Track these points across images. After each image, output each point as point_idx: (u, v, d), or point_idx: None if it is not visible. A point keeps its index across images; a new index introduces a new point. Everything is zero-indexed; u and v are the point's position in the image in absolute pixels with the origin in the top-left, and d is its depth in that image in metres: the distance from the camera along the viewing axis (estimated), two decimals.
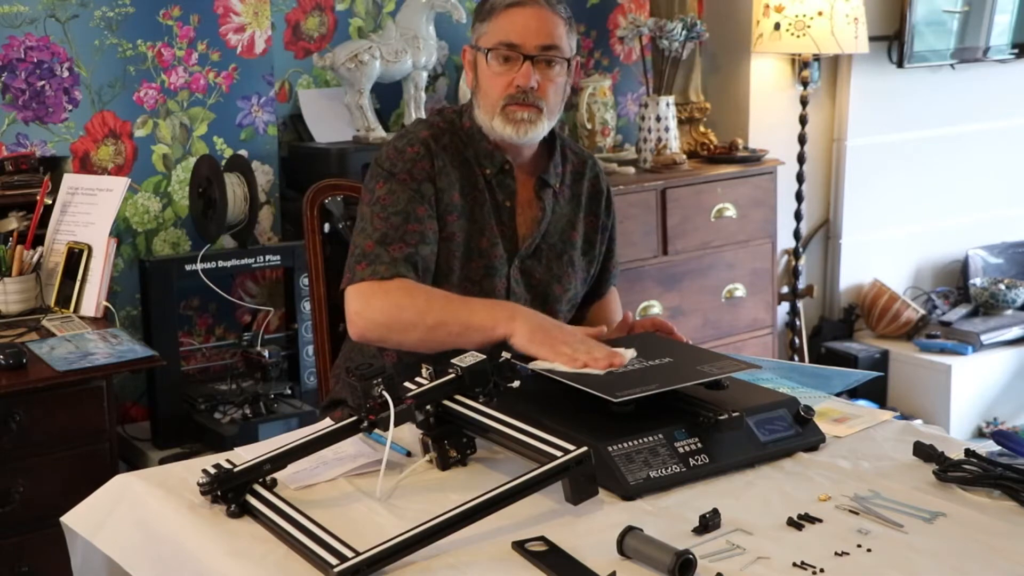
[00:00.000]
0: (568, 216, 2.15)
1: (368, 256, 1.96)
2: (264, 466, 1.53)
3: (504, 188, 2.08)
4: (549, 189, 2.12)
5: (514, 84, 2.00)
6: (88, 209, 2.69)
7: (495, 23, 2.01)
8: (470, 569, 1.34)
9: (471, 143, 2.08)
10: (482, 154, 2.07)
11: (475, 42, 2.05)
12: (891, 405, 4.26)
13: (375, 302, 1.93)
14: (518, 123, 2.02)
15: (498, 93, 2.01)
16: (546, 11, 2.01)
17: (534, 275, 2.10)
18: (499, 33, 2.00)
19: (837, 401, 1.95)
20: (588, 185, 2.19)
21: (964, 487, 1.57)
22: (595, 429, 1.59)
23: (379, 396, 1.58)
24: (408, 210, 1.98)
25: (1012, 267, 4.79)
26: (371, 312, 1.93)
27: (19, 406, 2.26)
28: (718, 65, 4.22)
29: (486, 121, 2.04)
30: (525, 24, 1.99)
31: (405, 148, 2.04)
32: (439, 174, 2.03)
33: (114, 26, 3.05)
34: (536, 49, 2.00)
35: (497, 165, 2.07)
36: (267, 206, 3.32)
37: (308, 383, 3.21)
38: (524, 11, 1.99)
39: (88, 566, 1.64)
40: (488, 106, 2.03)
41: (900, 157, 4.49)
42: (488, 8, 2.03)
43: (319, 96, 3.44)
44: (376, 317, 1.93)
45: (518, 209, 2.10)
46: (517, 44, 1.99)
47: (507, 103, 2.01)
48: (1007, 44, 4.61)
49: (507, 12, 2.00)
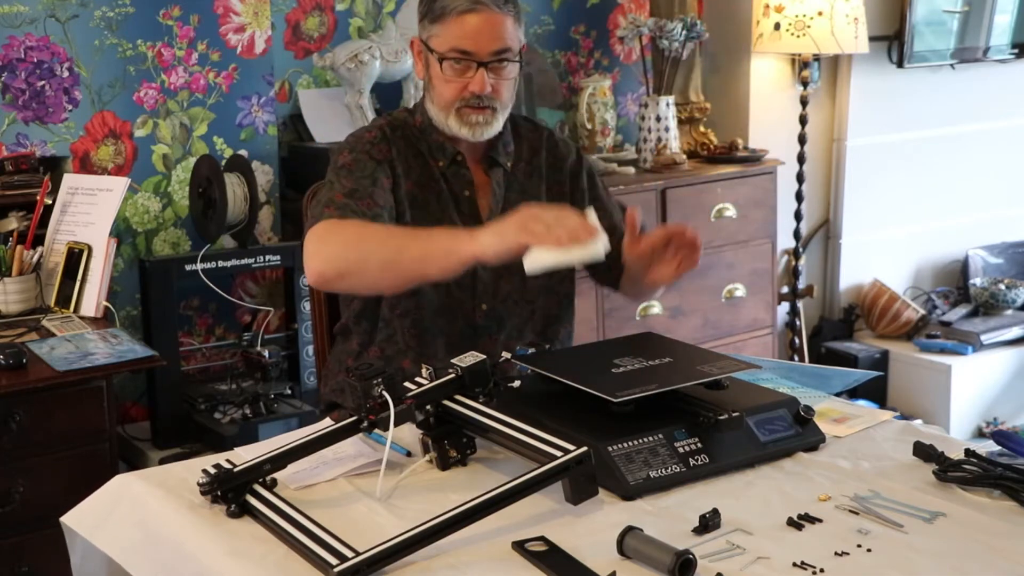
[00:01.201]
0: (529, 190, 2.15)
1: (337, 204, 1.92)
2: (264, 466, 1.53)
3: (459, 179, 2.10)
4: (499, 168, 2.13)
5: (468, 89, 2.01)
6: (88, 209, 2.69)
7: (447, 28, 2.00)
8: (470, 569, 1.34)
9: (423, 137, 2.10)
10: (434, 147, 2.09)
11: (425, 40, 2.05)
12: (891, 405, 4.26)
13: (332, 237, 1.86)
14: (473, 125, 2.03)
15: (452, 96, 2.02)
16: (496, 14, 1.99)
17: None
18: (451, 39, 1.99)
19: (837, 401, 1.95)
20: (546, 155, 2.19)
21: (964, 487, 1.57)
22: (595, 429, 1.59)
23: (379, 396, 1.58)
24: (376, 176, 2.00)
25: (1012, 267, 4.79)
26: (329, 247, 1.85)
27: (19, 406, 2.26)
28: (718, 65, 4.22)
29: (440, 117, 2.05)
30: (477, 31, 1.98)
31: (363, 134, 2.08)
32: (395, 159, 2.05)
33: (114, 26, 3.05)
34: (489, 55, 2.00)
35: (449, 157, 2.09)
36: (267, 206, 3.32)
37: (308, 383, 3.21)
38: (475, 17, 1.98)
39: (88, 566, 1.65)
40: (442, 105, 2.04)
41: (900, 157, 4.49)
42: (438, 10, 2.00)
43: (319, 96, 3.44)
44: (336, 251, 1.85)
45: (479, 195, 2.11)
46: (470, 52, 1.99)
47: (461, 105, 2.02)
48: (1007, 44, 4.60)
49: (459, 19, 1.98)
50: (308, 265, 1.87)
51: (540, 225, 1.68)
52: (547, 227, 1.67)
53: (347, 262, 1.85)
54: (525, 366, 1.83)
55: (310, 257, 1.87)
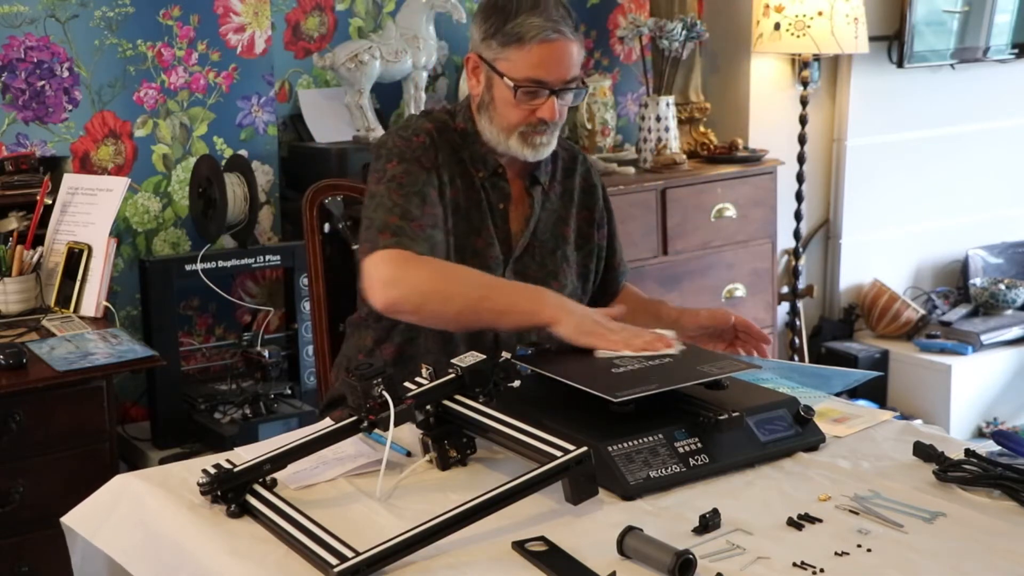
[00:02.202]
0: (559, 212, 2.15)
1: (392, 228, 1.91)
2: (264, 466, 1.53)
3: (497, 191, 2.08)
4: (539, 187, 2.12)
5: (537, 116, 2.00)
6: (88, 209, 2.69)
7: (523, 55, 1.96)
8: (470, 569, 1.34)
9: (465, 145, 2.07)
10: (476, 156, 2.07)
11: (491, 61, 2.00)
12: (891, 405, 4.26)
13: (413, 270, 1.87)
14: (536, 147, 2.03)
15: (519, 120, 2.01)
16: (571, 43, 1.98)
17: (528, 273, 2.09)
18: (528, 68, 1.97)
19: (837, 401, 1.95)
20: (580, 180, 2.19)
21: (964, 487, 1.57)
22: (595, 429, 1.59)
23: (379, 396, 1.58)
24: (425, 192, 1.97)
25: (1012, 267, 4.79)
26: (411, 279, 1.87)
27: (19, 406, 2.26)
28: (718, 65, 4.22)
29: (499, 138, 2.03)
30: (553, 61, 1.97)
31: (411, 137, 2.03)
32: (442, 168, 2.03)
33: (114, 26, 3.05)
34: (561, 84, 1.99)
35: (491, 168, 2.07)
36: (267, 206, 3.32)
37: (308, 383, 3.21)
38: (554, 47, 1.96)
39: (88, 566, 1.65)
40: (504, 127, 2.02)
41: (900, 157, 4.49)
42: (514, 34, 1.96)
43: (319, 96, 3.44)
44: (416, 284, 1.87)
45: (511, 210, 2.10)
46: (546, 81, 1.98)
47: (527, 130, 2.01)
48: (1007, 44, 4.60)
49: (538, 47, 1.95)
50: (382, 292, 1.88)
51: (618, 336, 1.78)
52: (623, 340, 1.78)
53: (428, 298, 1.88)
54: (525, 366, 1.83)
55: (385, 285, 1.88)
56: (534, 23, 1.95)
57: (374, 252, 1.90)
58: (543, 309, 1.83)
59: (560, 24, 1.96)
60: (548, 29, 1.95)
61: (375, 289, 1.89)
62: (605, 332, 1.79)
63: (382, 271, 1.88)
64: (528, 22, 1.95)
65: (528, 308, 1.85)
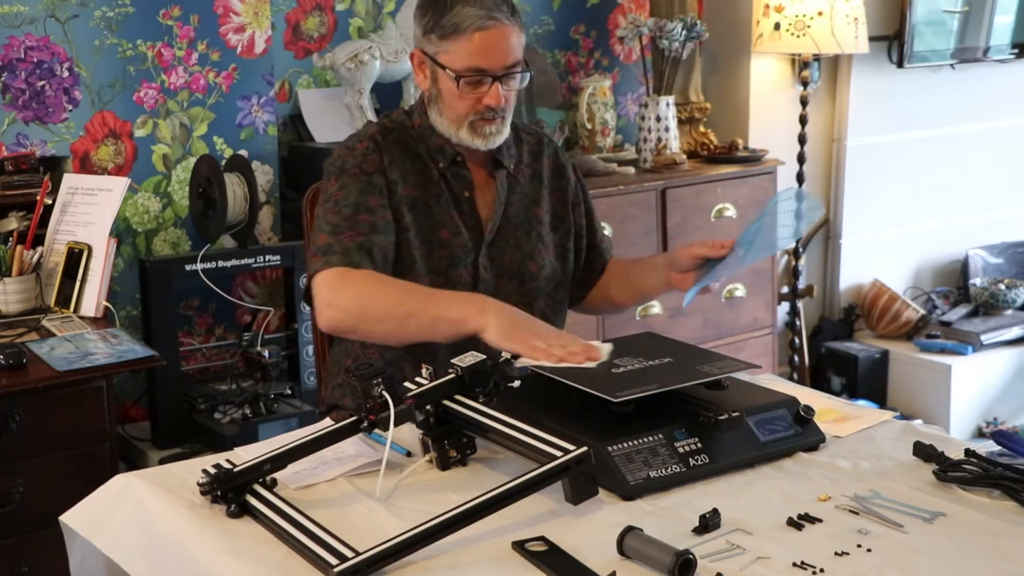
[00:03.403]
0: (531, 195, 2.18)
1: (322, 248, 1.97)
2: (264, 466, 1.53)
3: (460, 179, 2.11)
4: (503, 170, 2.15)
5: (483, 103, 2.02)
6: (88, 209, 2.69)
7: (461, 45, 1.99)
8: (470, 569, 1.34)
9: (421, 139, 2.11)
10: (433, 149, 2.10)
11: (433, 55, 2.04)
12: (891, 405, 4.26)
13: (345, 292, 1.92)
14: (486, 136, 2.06)
15: (466, 111, 2.04)
16: (509, 28, 2.01)
17: (503, 258, 2.12)
18: (467, 58, 1.99)
19: (837, 401, 1.96)
20: (549, 162, 2.23)
21: (964, 487, 1.57)
22: (595, 429, 1.59)
23: (379, 396, 1.58)
24: (359, 201, 2.01)
25: (1012, 267, 4.79)
26: (342, 301, 1.91)
27: (19, 406, 2.26)
28: (718, 65, 4.22)
29: (450, 130, 2.07)
30: (492, 47, 1.99)
31: (355, 145, 2.09)
32: (389, 167, 2.06)
33: (114, 26, 3.05)
34: (503, 70, 2.02)
35: (449, 158, 2.10)
36: (267, 206, 3.32)
37: (308, 383, 3.21)
38: (491, 34, 1.99)
39: (87, 566, 1.65)
40: (453, 118, 2.06)
41: (900, 157, 4.49)
42: (451, 26, 1.99)
43: (319, 96, 3.44)
44: (348, 306, 1.91)
45: (477, 196, 2.13)
46: (486, 69, 2.00)
47: (475, 119, 2.04)
48: (1007, 44, 4.60)
49: (475, 36, 1.98)
50: (321, 314, 1.94)
51: (542, 343, 1.75)
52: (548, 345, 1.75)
53: (360, 320, 1.92)
54: (525, 367, 1.83)
55: (324, 308, 1.93)
56: (469, 13, 1.98)
57: (314, 276, 1.96)
58: (468, 318, 1.83)
59: (494, 11, 1.99)
60: (483, 17, 1.98)
61: (317, 312, 1.96)
62: (529, 337, 1.77)
63: (320, 295, 1.94)
64: (463, 12, 1.98)
65: (455, 317, 1.85)
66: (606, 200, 3.46)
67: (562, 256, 2.21)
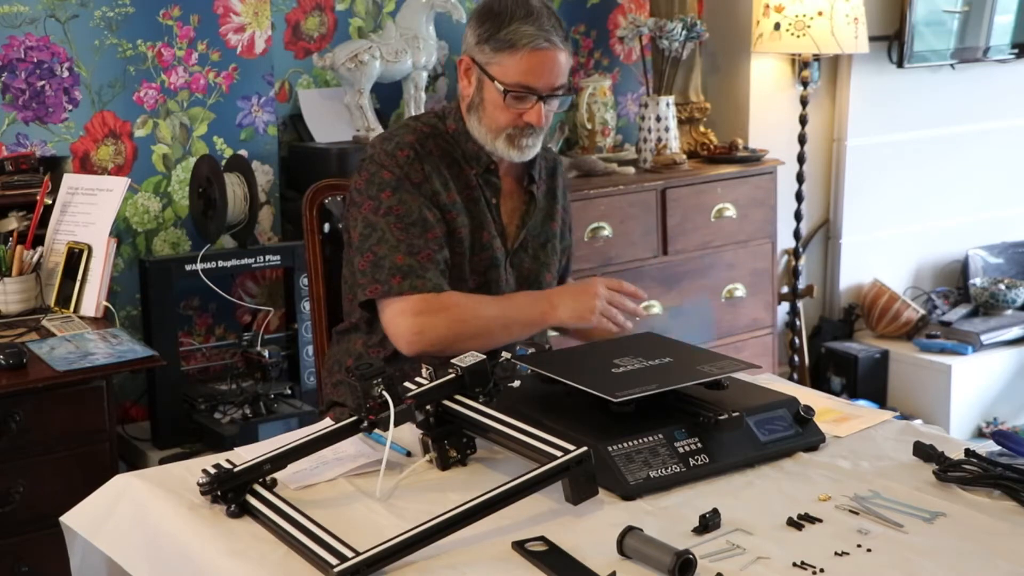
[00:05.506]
0: (546, 209, 2.24)
1: (402, 269, 1.99)
2: (264, 466, 1.53)
3: (491, 186, 2.14)
4: (535, 184, 2.20)
5: (524, 120, 2.06)
6: (88, 209, 2.69)
7: (514, 61, 2.02)
8: (470, 569, 1.34)
9: (457, 144, 2.13)
10: (469, 154, 2.13)
11: (483, 64, 2.06)
12: (891, 405, 4.26)
13: (435, 319, 1.99)
14: (523, 148, 2.09)
15: (506, 123, 2.07)
16: (560, 52, 2.05)
17: (523, 266, 2.18)
18: (517, 75, 2.02)
19: (837, 401, 1.96)
20: (561, 180, 2.31)
21: (964, 487, 1.57)
22: (595, 429, 1.59)
23: (379, 396, 1.58)
24: (424, 217, 2.04)
25: (1012, 267, 4.79)
26: (435, 331, 1.98)
27: (19, 406, 2.26)
28: (718, 65, 4.22)
29: (487, 138, 2.10)
30: (542, 68, 2.03)
31: (395, 152, 2.08)
32: (430, 177, 2.08)
33: (114, 26, 3.05)
34: (549, 90, 2.05)
35: (483, 165, 2.13)
36: (267, 206, 3.32)
37: (308, 383, 3.21)
38: (544, 55, 2.02)
39: (88, 566, 1.65)
40: (493, 128, 2.08)
41: (900, 157, 4.49)
42: (506, 40, 2.02)
43: (319, 96, 3.44)
44: (441, 332, 1.99)
45: (502, 204, 2.17)
46: (534, 87, 2.04)
47: (514, 132, 2.07)
48: (1007, 44, 4.60)
49: (528, 55, 2.01)
50: (407, 344, 2.00)
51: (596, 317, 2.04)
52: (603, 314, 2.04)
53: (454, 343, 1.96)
54: (525, 366, 1.83)
55: (411, 335, 1.99)
56: (526, 31, 2.01)
57: (389, 298, 2.01)
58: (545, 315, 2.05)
59: (551, 34, 2.03)
60: (539, 38, 2.01)
61: (401, 339, 2.01)
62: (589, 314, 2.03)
63: (406, 323, 2.00)
64: (521, 30, 2.01)
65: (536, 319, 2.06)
66: (606, 200, 3.46)
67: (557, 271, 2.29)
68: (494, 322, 2.02)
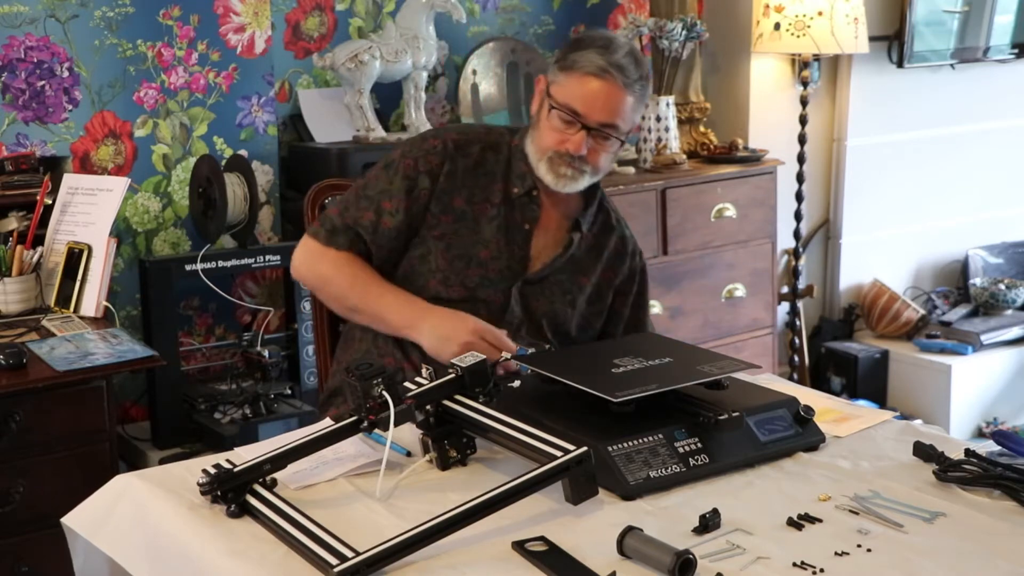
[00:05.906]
0: (583, 262, 2.16)
1: (329, 220, 2.11)
2: (264, 466, 1.53)
3: (527, 212, 2.11)
4: (579, 232, 2.14)
5: (564, 145, 2.02)
6: (88, 209, 2.69)
7: (570, 82, 2.00)
8: (470, 569, 1.34)
9: (511, 161, 2.11)
10: (516, 172, 2.10)
11: (549, 83, 2.05)
12: (891, 405, 4.26)
13: (310, 263, 2.13)
14: (560, 176, 2.05)
15: (550, 144, 2.04)
16: (620, 89, 1.99)
17: (532, 302, 2.11)
18: (568, 95, 2.00)
19: (837, 401, 1.96)
20: (615, 242, 2.20)
21: (964, 487, 1.57)
22: (595, 429, 1.59)
23: (379, 396, 1.58)
24: (380, 201, 2.08)
25: (1012, 267, 4.79)
26: (305, 270, 2.15)
27: (19, 406, 2.26)
28: (718, 65, 4.22)
29: (534, 156, 2.08)
30: (595, 97, 1.99)
31: (428, 137, 2.13)
32: (445, 176, 2.06)
33: (114, 26, 3.05)
34: (596, 123, 2.01)
35: (526, 188, 2.10)
36: (267, 206, 3.32)
37: (308, 383, 3.21)
38: (599, 84, 1.98)
39: (90, 566, 1.65)
40: (539, 147, 2.06)
41: (900, 157, 4.49)
42: (572, 61, 2.01)
43: (319, 96, 3.44)
44: (307, 277, 2.16)
45: (536, 234, 2.12)
46: (580, 113, 2.00)
47: (555, 156, 2.03)
48: (1007, 44, 4.60)
49: (584, 78, 1.99)
50: (292, 267, 2.18)
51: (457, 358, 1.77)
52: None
53: (316, 292, 2.21)
54: (525, 366, 1.83)
55: (296, 263, 2.17)
56: (592, 59, 1.98)
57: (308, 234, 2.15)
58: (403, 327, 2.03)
59: (622, 70, 1.98)
60: (601, 68, 1.97)
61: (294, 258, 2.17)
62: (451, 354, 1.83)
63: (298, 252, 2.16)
64: (588, 55, 1.99)
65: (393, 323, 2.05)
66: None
67: (583, 327, 2.18)
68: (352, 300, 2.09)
